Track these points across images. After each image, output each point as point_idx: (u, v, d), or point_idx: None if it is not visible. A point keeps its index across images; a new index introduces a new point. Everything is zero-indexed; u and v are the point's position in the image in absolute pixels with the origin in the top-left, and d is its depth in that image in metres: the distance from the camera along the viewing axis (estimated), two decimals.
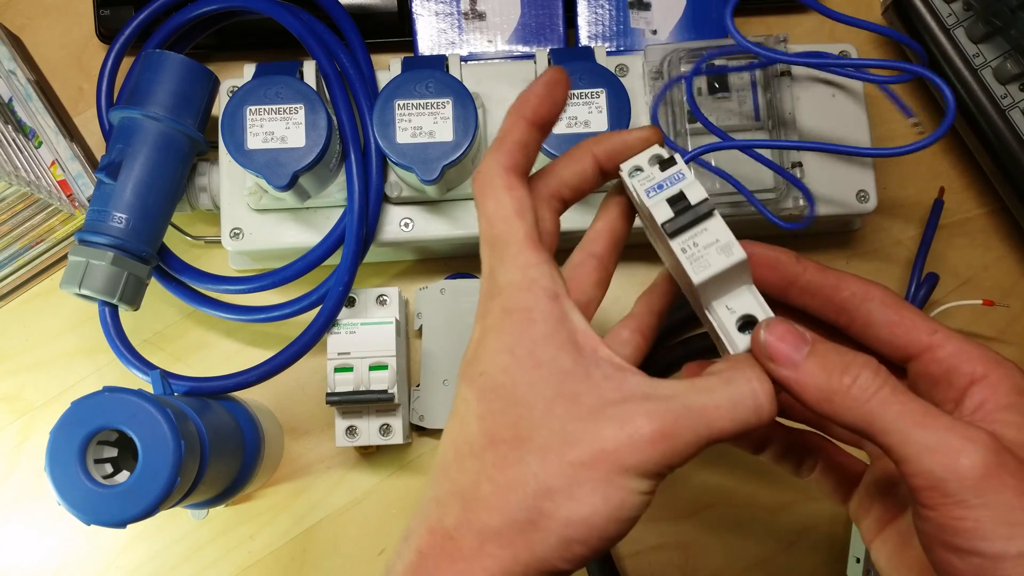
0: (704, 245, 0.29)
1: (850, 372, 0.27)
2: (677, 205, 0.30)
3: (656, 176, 0.31)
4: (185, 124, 0.48)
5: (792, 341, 0.28)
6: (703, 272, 0.29)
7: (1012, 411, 0.28)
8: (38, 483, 0.54)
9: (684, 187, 0.30)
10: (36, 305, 0.57)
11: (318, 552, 0.53)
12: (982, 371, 0.29)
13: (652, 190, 0.30)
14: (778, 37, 0.49)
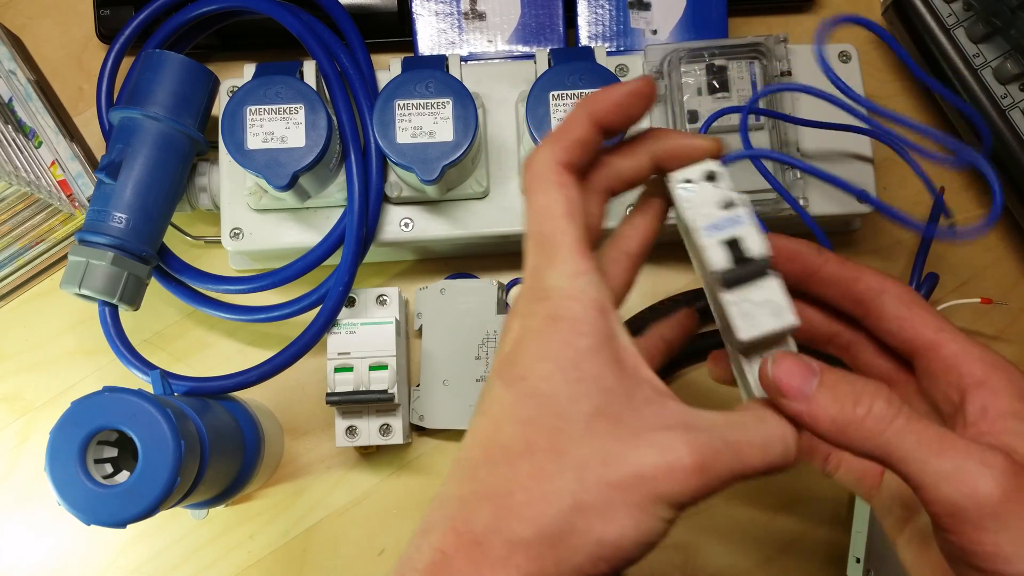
0: (757, 302, 0.29)
1: (863, 402, 0.27)
2: (735, 252, 0.29)
3: (713, 211, 0.29)
4: (185, 124, 0.48)
5: (801, 373, 0.28)
6: (752, 331, 0.29)
7: (1016, 418, 0.28)
8: (38, 483, 0.54)
9: (744, 235, 0.29)
10: (36, 305, 0.57)
11: (318, 552, 0.53)
12: (981, 374, 0.29)
13: (710, 229, 0.29)
14: (778, 37, 0.49)
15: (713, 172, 0.30)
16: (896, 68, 0.59)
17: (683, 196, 0.30)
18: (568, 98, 0.45)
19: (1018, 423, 0.28)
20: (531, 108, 0.45)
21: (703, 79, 0.49)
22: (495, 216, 0.51)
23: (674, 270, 0.56)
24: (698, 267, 0.32)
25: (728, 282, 0.29)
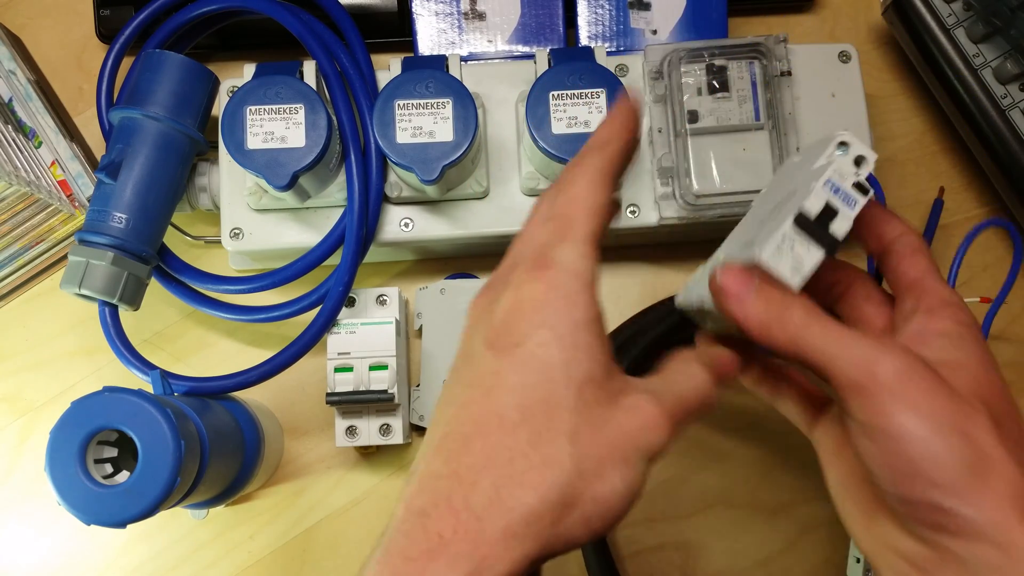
0: (795, 253, 0.33)
1: (787, 307, 0.32)
2: (825, 215, 0.33)
3: (846, 181, 0.33)
4: (185, 124, 0.48)
5: (742, 281, 0.32)
6: (770, 260, 0.33)
7: (944, 338, 0.33)
8: (38, 483, 0.54)
9: (843, 215, 0.33)
10: (36, 305, 0.57)
11: (318, 552, 0.53)
12: (932, 304, 0.34)
13: (830, 185, 0.33)
14: (778, 37, 0.49)
15: (865, 158, 0.34)
16: (896, 68, 0.59)
17: (832, 152, 0.34)
18: (568, 98, 0.45)
19: (945, 342, 0.33)
20: (531, 108, 0.45)
21: (703, 79, 0.49)
22: (495, 216, 0.51)
23: (674, 270, 0.56)
24: (774, 189, 0.37)
25: (798, 222, 0.33)
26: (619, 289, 0.56)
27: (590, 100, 0.45)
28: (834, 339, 0.31)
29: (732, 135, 0.49)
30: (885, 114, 0.58)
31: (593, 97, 0.45)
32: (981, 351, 0.33)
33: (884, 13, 0.56)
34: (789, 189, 0.36)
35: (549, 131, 0.45)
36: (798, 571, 0.53)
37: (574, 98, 0.45)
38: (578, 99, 0.45)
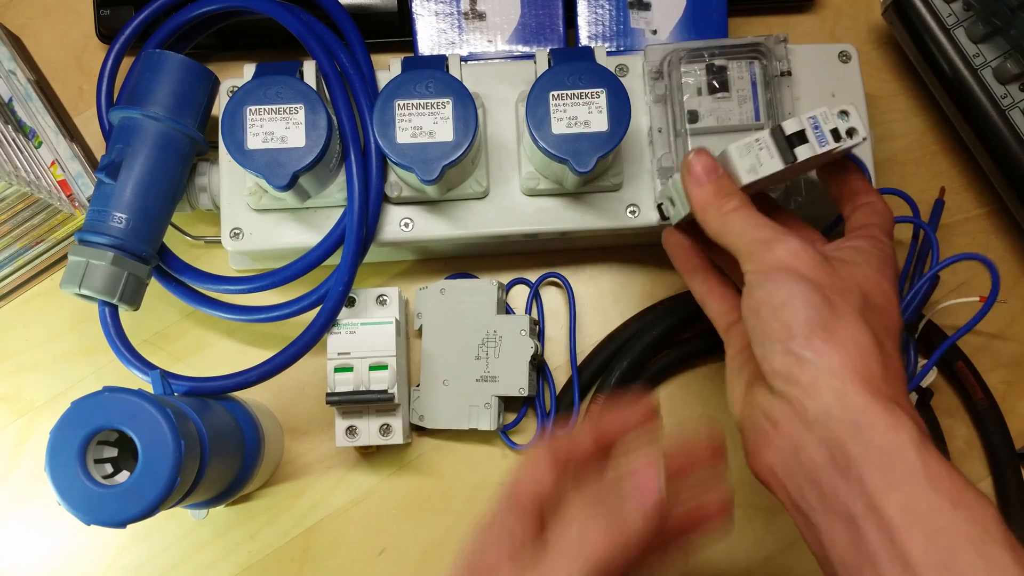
0: (757, 156, 0.38)
1: (728, 196, 0.38)
2: (798, 138, 0.38)
3: (827, 124, 0.38)
4: (185, 124, 0.48)
5: (707, 167, 0.39)
6: (735, 154, 0.39)
7: (853, 250, 0.38)
8: (38, 483, 0.54)
9: (813, 143, 0.38)
10: (36, 305, 0.57)
11: (318, 552, 0.53)
12: (869, 221, 0.40)
13: (813, 120, 0.38)
14: (778, 37, 0.49)
15: (855, 129, 0.39)
16: (896, 68, 0.59)
17: (835, 111, 0.39)
18: (568, 98, 0.45)
19: (856, 245, 0.38)
20: (531, 108, 0.45)
21: (703, 79, 0.49)
22: (495, 216, 0.51)
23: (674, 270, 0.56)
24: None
25: (774, 133, 0.38)
26: (619, 289, 0.56)
27: (590, 100, 0.45)
28: (751, 224, 0.37)
29: (732, 135, 0.49)
30: (885, 114, 0.58)
31: (593, 97, 0.45)
32: (880, 262, 0.38)
33: (884, 13, 0.56)
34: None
35: (549, 131, 0.45)
36: (798, 571, 0.53)
37: (574, 98, 0.45)
38: (578, 99, 0.45)
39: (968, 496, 0.30)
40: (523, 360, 0.51)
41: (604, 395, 0.52)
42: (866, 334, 0.34)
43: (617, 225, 0.51)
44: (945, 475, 0.31)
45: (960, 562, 0.29)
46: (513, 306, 0.56)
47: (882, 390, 0.33)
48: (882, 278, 0.37)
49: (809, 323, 0.34)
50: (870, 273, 0.37)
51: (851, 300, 0.35)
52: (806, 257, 0.35)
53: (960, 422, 0.54)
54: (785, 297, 0.34)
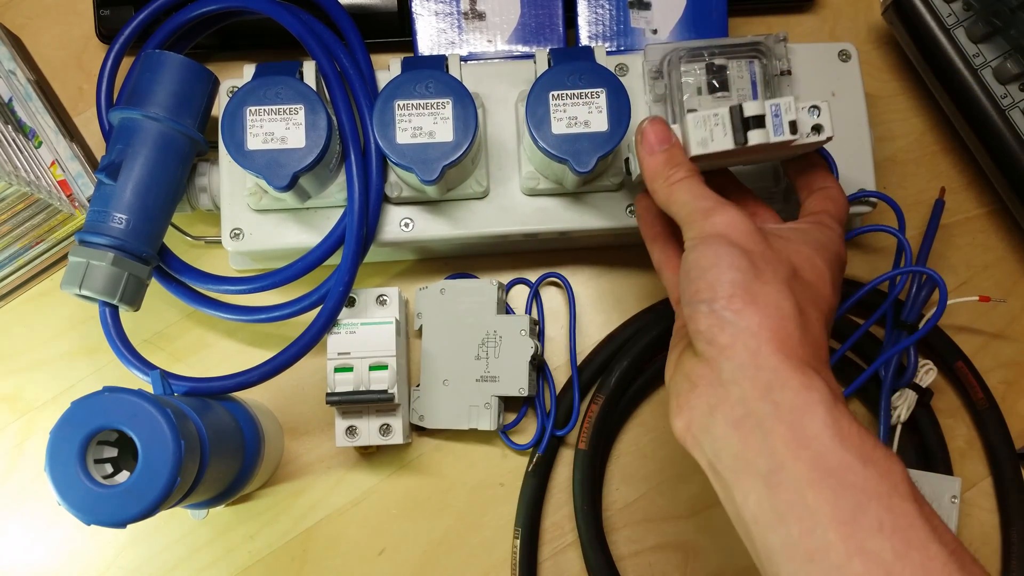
0: (712, 132, 0.39)
1: (676, 167, 0.39)
2: (751, 121, 0.38)
3: (791, 113, 0.38)
4: (185, 124, 0.48)
5: (661, 136, 0.40)
6: (691, 126, 0.39)
7: (797, 230, 0.39)
8: (38, 483, 0.54)
9: (767, 128, 0.38)
10: (36, 305, 0.57)
11: (318, 552, 0.53)
12: (821, 207, 0.41)
13: (775, 106, 0.38)
14: (777, 36, 0.49)
15: (822, 126, 0.39)
16: (896, 68, 0.59)
17: (804, 104, 0.39)
18: (568, 98, 0.45)
19: (796, 231, 0.39)
20: (531, 108, 0.45)
21: (703, 78, 0.49)
22: (495, 216, 0.51)
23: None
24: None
25: (732, 111, 0.38)
26: (619, 289, 0.56)
27: (590, 100, 0.45)
28: (695, 195, 0.38)
29: None
30: (885, 114, 0.58)
31: (593, 97, 0.45)
32: (819, 243, 0.38)
33: (884, 13, 0.56)
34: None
35: (549, 131, 0.45)
36: None
37: (574, 98, 0.45)
38: (578, 99, 0.45)
39: (877, 453, 0.31)
40: (523, 360, 0.51)
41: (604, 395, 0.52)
42: (788, 300, 0.34)
43: (617, 225, 0.51)
44: (855, 434, 0.32)
45: (867, 516, 0.30)
46: (513, 306, 0.56)
47: (798, 353, 0.34)
48: (816, 256, 0.37)
49: (733, 284, 0.34)
50: (804, 249, 0.37)
51: (778, 269, 0.35)
52: (742, 227, 0.36)
53: (960, 422, 0.54)
54: (713, 259, 0.35)
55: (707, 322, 0.35)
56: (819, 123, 0.39)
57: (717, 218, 0.37)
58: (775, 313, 0.34)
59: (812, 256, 0.37)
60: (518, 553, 0.52)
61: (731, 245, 0.35)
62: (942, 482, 0.50)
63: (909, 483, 0.31)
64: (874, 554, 0.29)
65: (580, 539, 0.52)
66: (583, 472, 0.52)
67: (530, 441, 0.53)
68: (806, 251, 0.37)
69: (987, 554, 0.53)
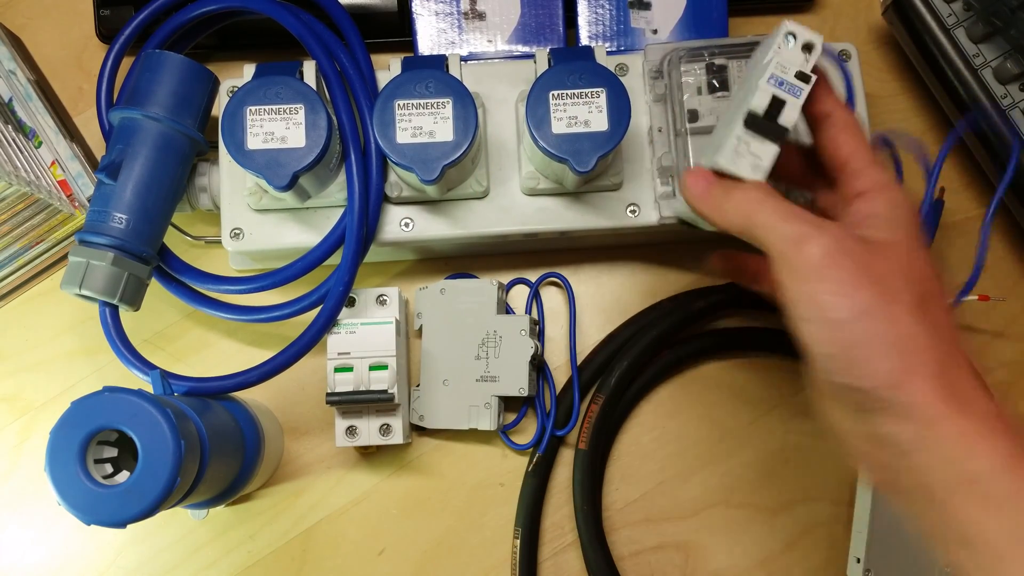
0: (751, 151, 0.36)
1: (731, 195, 0.36)
2: (772, 109, 0.36)
3: (789, 71, 0.36)
4: (185, 124, 0.48)
5: (699, 180, 0.38)
6: (729, 165, 0.36)
7: (878, 219, 0.36)
8: (38, 483, 0.54)
9: (789, 104, 0.36)
10: (36, 305, 0.57)
11: (318, 552, 0.53)
12: (867, 186, 0.37)
13: (773, 79, 0.36)
14: None
15: (812, 44, 0.37)
16: (896, 68, 0.59)
17: (779, 44, 0.37)
18: (568, 97, 0.45)
19: (881, 222, 0.35)
20: (531, 108, 0.45)
21: (703, 78, 0.49)
22: (495, 216, 0.51)
23: (674, 270, 0.56)
24: (739, 90, 0.40)
25: (749, 123, 0.36)
26: (619, 289, 0.56)
27: (590, 100, 0.45)
28: (777, 215, 0.34)
29: None
30: (885, 114, 0.58)
31: (593, 97, 0.45)
32: (910, 233, 0.36)
33: (884, 13, 0.56)
34: (747, 86, 0.38)
35: (549, 131, 0.45)
36: (798, 571, 0.53)
37: (574, 98, 0.45)
38: (578, 99, 0.45)
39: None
40: (523, 360, 0.51)
41: (604, 395, 0.52)
42: (932, 342, 0.33)
43: (617, 225, 0.51)
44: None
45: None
46: (513, 306, 0.56)
47: (958, 397, 0.32)
48: (921, 256, 0.35)
49: (882, 360, 0.32)
50: (909, 254, 0.35)
51: (905, 307, 0.33)
52: (846, 262, 0.33)
53: None
54: (855, 340, 0.33)
55: (865, 400, 0.33)
56: (809, 44, 0.36)
57: (813, 252, 0.33)
58: (932, 370, 0.32)
59: (920, 260, 0.35)
60: (518, 553, 0.52)
61: (845, 297, 0.33)
62: None
63: None
64: None
65: (580, 539, 0.52)
66: (583, 472, 0.52)
67: (530, 441, 0.53)
68: (911, 256, 0.35)
69: None
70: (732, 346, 0.55)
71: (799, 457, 0.54)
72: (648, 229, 0.51)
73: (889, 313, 0.33)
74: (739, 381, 0.55)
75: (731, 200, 0.36)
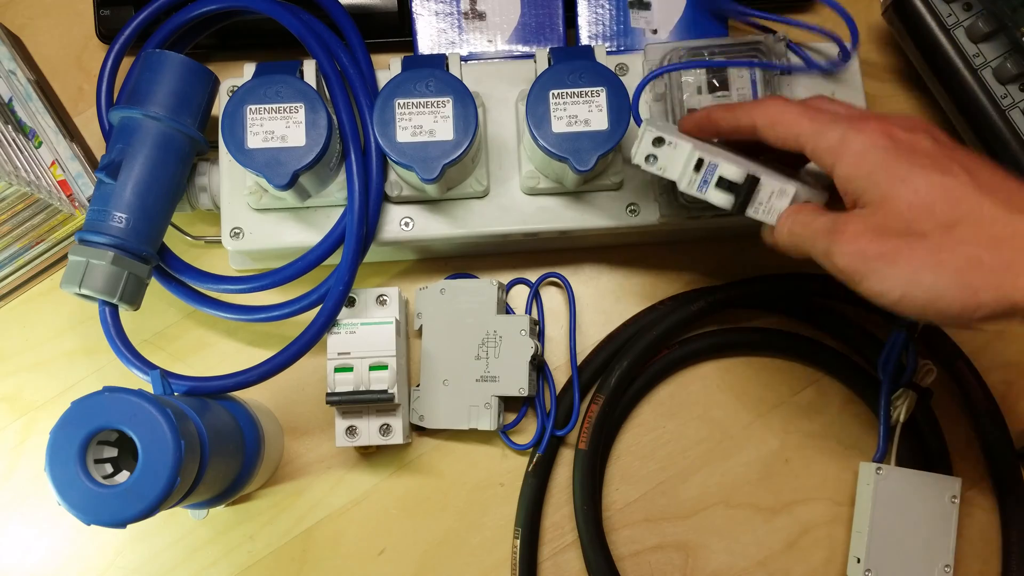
0: (766, 201, 0.40)
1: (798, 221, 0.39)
2: (726, 187, 0.40)
3: (690, 175, 0.40)
4: (185, 124, 0.48)
5: (792, 217, 0.40)
6: (777, 219, 0.40)
7: (859, 181, 0.37)
8: (38, 483, 0.54)
9: (723, 173, 0.40)
10: (36, 305, 0.57)
11: (318, 552, 0.53)
12: (829, 159, 0.38)
13: (702, 186, 0.40)
14: (777, 36, 0.49)
15: (660, 138, 0.40)
16: (896, 68, 0.59)
17: (657, 171, 0.41)
18: (568, 97, 0.45)
19: (856, 182, 0.37)
20: (531, 107, 0.45)
21: (703, 78, 0.49)
22: (495, 215, 0.51)
23: (674, 270, 0.56)
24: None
25: (740, 209, 0.40)
26: (619, 289, 0.56)
27: (590, 99, 0.45)
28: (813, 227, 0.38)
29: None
30: None
31: (593, 96, 0.45)
32: (890, 174, 0.36)
33: (884, 13, 0.56)
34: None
35: (549, 130, 0.45)
36: (798, 571, 0.53)
37: (574, 97, 0.45)
38: (578, 98, 0.45)
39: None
40: (523, 360, 0.51)
41: (604, 395, 0.52)
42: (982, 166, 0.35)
43: (617, 224, 0.51)
44: None
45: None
46: (513, 306, 0.56)
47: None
48: (909, 178, 0.36)
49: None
50: (899, 191, 0.36)
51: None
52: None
53: (960, 422, 0.54)
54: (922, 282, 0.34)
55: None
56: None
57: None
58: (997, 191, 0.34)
59: (893, 185, 0.36)
60: (518, 553, 0.52)
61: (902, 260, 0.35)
62: (942, 482, 0.50)
63: None
64: None
65: (580, 539, 0.52)
66: (583, 472, 0.52)
67: (530, 441, 0.53)
68: (891, 187, 0.36)
69: (987, 554, 0.53)
70: (732, 346, 0.55)
71: (799, 457, 0.54)
72: (648, 229, 0.51)
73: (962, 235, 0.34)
74: (739, 381, 0.55)
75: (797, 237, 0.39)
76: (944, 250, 0.34)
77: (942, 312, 0.34)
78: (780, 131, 0.39)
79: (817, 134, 0.38)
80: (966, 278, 0.34)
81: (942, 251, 0.34)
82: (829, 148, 0.37)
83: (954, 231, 0.34)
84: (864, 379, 0.53)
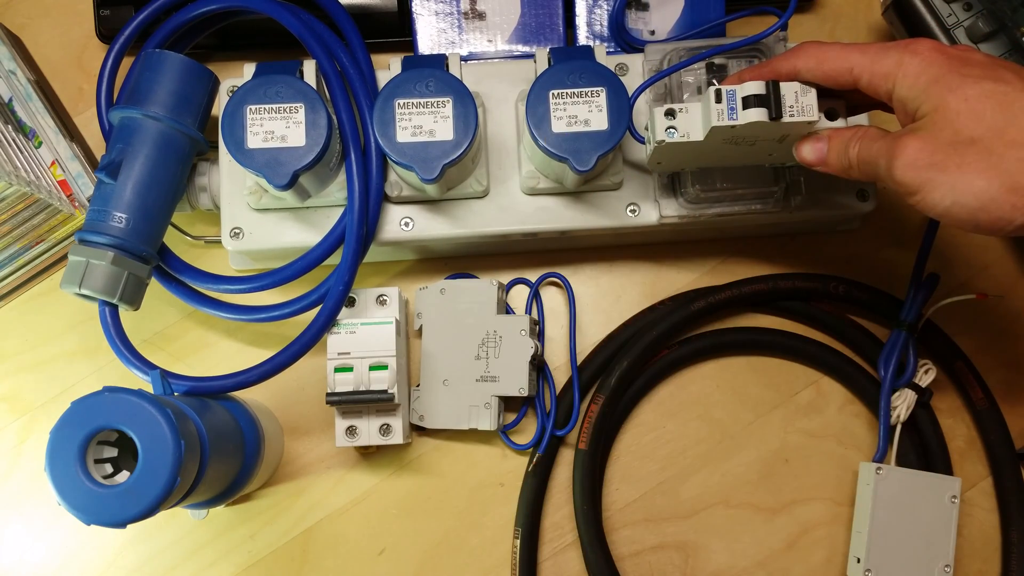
0: (794, 101, 0.40)
1: (851, 145, 0.40)
2: (758, 104, 0.40)
3: (718, 110, 0.41)
4: (185, 124, 0.48)
5: (812, 148, 0.42)
6: (813, 112, 0.41)
7: (916, 98, 0.38)
8: (38, 483, 0.54)
9: (743, 92, 0.40)
10: (36, 305, 0.57)
11: (318, 552, 0.53)
12: (886, 85, 0.39)
13: (731, 113, 0.41)
14: (777, 36, 0.49)
15: (670, 109, 0.42)
16: None
17: (681, 138, 0.42)
18: (568, 97, 0.45)
19: (913, 101, 0.38)
20: (531, 107, 0.45)
21: (703, 77, 0.49)
22: (495, 215, 0.51)
23: (674, 270, 0.56)
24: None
25: (777, 116, 0.40)
26: (619, 289, 0.56)
27: (590, 99, 0.45)
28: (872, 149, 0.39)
29: None
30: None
31: (593, 96, 0.45)
32: (944, 86, 0.37)
33: (884, 13, 0.56)
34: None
35: (549, 130, 0.45)
36: (798, 571, 0.53)
37: (574, 97, 0.45)
38: (578, 98, 0.45)
39: None
40: (523, 360, 0.51)
41: (604, 395, 0.52)
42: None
43: (617, 224, 0.51)
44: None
45: None
46: (513, 306, 0.56)
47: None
48: (962, 85, 0.37)
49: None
50: (954, 100, 0.36)
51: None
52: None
53: (960, 422, 0.54)
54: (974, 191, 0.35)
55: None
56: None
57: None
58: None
59: (948, 95, 0.37)
60: (518, 553, 0.52)
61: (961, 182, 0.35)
62: (942, 482, 0.50)
63: None
64: None
65: (580, 539, 0.52)
66: (583, 472, 0.52)
67: (530, 441, 0.53)
68: (947, 96, 0.36)
69: (987, 554, 0.53)
70: (732, 346, 0.55)
71: (799, 457, 0.54)
72: (648, 229, 0.51)
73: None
74: (739, 381, 0.55)
75: (846, 160, 0.41)
76: (994, 154, 0.34)
77: (992, 217, 0.35)
78: (829, 67, 0.40)
79: (873, 62, 0.38)
80: (1017, 179, 0.34)
81: (992, 155, 0.34)
82: (887, 73, 0.38)
83: (1005, 134, 0.34)
84: (864, 379, 0.53)
